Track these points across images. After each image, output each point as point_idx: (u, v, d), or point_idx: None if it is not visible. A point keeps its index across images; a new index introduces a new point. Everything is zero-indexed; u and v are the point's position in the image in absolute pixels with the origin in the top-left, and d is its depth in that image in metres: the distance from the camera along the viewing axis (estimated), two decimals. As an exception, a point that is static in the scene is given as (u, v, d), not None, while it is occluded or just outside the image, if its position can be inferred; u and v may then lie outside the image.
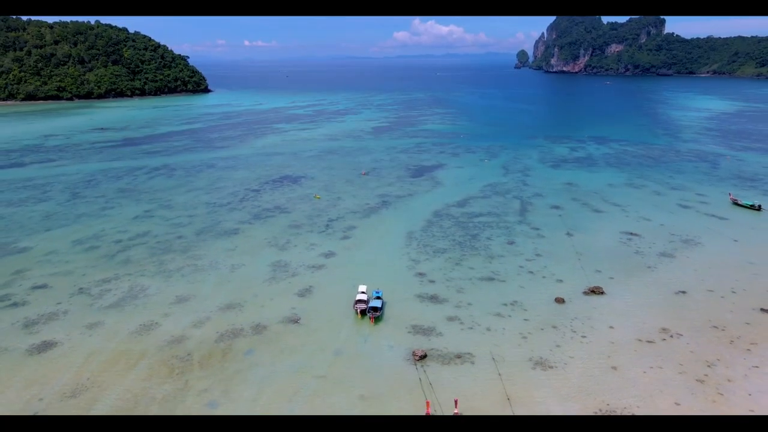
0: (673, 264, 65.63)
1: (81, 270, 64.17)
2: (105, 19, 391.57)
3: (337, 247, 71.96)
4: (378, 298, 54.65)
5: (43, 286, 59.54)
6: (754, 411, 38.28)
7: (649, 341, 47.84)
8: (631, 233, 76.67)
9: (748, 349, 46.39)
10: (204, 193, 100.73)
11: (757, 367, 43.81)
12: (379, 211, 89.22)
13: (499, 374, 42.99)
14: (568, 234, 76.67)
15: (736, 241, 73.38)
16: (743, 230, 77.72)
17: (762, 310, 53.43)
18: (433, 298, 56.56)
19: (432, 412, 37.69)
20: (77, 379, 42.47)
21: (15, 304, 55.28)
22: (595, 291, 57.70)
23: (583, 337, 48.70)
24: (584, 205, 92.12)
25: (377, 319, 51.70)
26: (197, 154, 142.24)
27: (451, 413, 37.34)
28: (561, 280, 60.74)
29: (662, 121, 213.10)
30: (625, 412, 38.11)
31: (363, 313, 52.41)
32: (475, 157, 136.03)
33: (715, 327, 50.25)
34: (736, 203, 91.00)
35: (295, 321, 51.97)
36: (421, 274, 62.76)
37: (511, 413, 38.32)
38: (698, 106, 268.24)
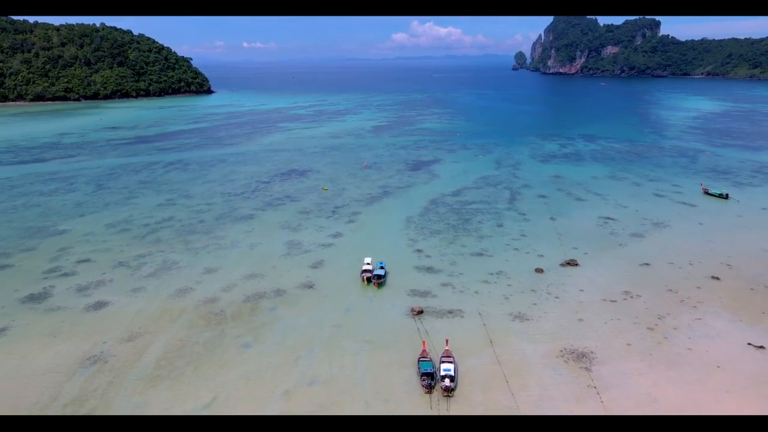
0: (642, 242, 74.17)
1: (118, 248, 72.51)
2: (109, 22, 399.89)
3: (344, 229, 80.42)
4: (381, 268, 63.02)
5: (87, 260, 67.86)
6: (691, 349, 46.75)
7: (612, 301, 56.30)
8: (608, 217, 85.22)
9: (695, 306, 54.88)
10: (218, 185, 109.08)
11: (699, 319, 52.29)
12: (380, 199, 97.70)
13: (484, 324, 51.39)
14: (552, 218, 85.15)
15: (701, 224, 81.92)
16: (709, 215, 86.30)
17: (712, 277, 61.94)
18: (429, 269, 64.98)
19: (428, 350, 46.02)
20: (131, 328, 50.80)
21: (66, 274, 63.58)
22: (571, 263, 66.19)
23: (557, 298, 57.13)
24: (568, 194, 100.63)
25: (381, 285, 60.08)
26: (208, 150, 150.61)
27: (443, 350, 45.60)
28: (542, 255, 69.17)
29: (650, 120, 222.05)
30: (586, 351, 46.52)
31: (368, 280, 60.75)
32: (470, 153, 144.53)
33: (670, 290, 58.72)
34: (706, 192, 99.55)
35: (310, 286, 60.36)
36: (418, 251, 71.22)
37: (493, 355, 46.61)
38: (687, 107, 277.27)
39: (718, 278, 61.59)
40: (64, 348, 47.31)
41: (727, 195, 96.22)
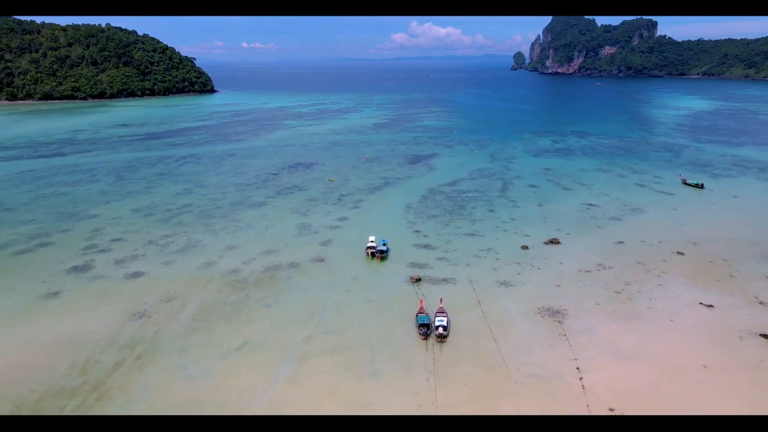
0: (619, 225, 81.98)
1: (145, 229, 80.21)
2: (114, 22, 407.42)
3: (349, 214, 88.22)
4: (384, 245, 70.73)
5: (120, 239, 75.57)
6: (650, 308, 54.47)
7: (587, 271, 64.03)
8: (591, 204, 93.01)
9: (659, 275, 62.64)
10: (230, 176, 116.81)
11: (661, 285, 60.05)
12: (382, 188, 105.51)
13: (474, 289, 59.11)
14: (539, 205, 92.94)
15: (674, 209, 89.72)
16: (683, 202, 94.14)
17: (678, 252, 69.71)
18: (427, 246, 72.75)
19: (424, 307, 53.73)
20: (167, 292, 58.50)
21: (102, 250, 71.27)
22: (553, 241, 73.96)
23: (539, 269, 64.86)
24: (556, 184, 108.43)
25: (383, 259, 67.83)
26: (217, 145, 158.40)
27: (438, 307, 53.28)
28: (528, 235, 76.92)
29: (641, 118, 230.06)
30: (560, 309, 54.22)
31: (372, 254, 68.51)
32: (467, 148, 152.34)
33: (639, 263, 66.47)
34: (684, 183, 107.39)
35: (321, 260, 68.11)
36: (417, 231, 79.01)
37: (481, 312, 54.25)
38: (679, 105, 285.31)
39: (682, 253, 69.37)
40: (112, 307, 55.00)
41: (702, 185, 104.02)
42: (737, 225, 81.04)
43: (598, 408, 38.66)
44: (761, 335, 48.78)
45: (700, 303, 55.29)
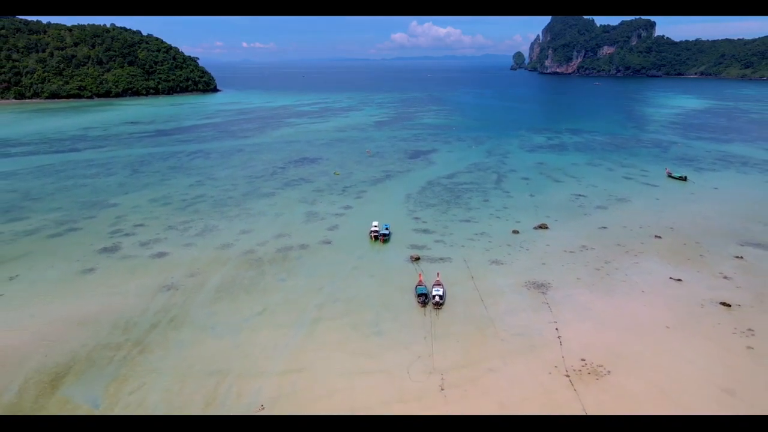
0: (605, 212, 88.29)
1: (164, 216, 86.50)
2: (118, 22, 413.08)
3: (353, 203, 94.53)
4: (386, 229, 77.05)
5: (142, 225, 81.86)
6: (625, 282, 60.75)
7: (571, 252, 70.32)
8: (580, 194, 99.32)
9: (636, 255, 68.94)
10: (240, 170, 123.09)
11: (637, 263, 66.33)
12: (384, 181, 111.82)
13: (468, 267, 65.40)
14: (531, 195, 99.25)
15: (657, 199, 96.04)
16: (666, 193, 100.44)
17: (656, 236, 76.03)
18: (425, 231, 79.06)
19: (423, 280, 60.03)
20: (190, 269, 64.78)
21: (127, 234, 77.57)
22: (542, 227, 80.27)
23: (527, 250, 71.16)
24: (548, 177, 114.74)
25: (386, 241, 74.15)
26: (225, 141, 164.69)
27: (434, 280, 59.55)
28: (519, 221, 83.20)
29: (636, 116, 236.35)
30: (545, 282, 60.52)
31: (376, 237, 74.82)
32: (464, 145, 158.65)
33: (618, 245, 72.77)
34: (669, 176, 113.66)
35: (328, 242, 74.42)
36: (416, 218, 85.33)
37: (473, 286, 60.53)
38: (673, 104, 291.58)
39: (660, 237, 75.71)
40: (142, 281, 61.31)
41: (686, 177, 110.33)
42: (714, 213, 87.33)
43: (571, 359, 45.00)
44: (721, 303, 55.13)
45: (671, 278, 61.60)
